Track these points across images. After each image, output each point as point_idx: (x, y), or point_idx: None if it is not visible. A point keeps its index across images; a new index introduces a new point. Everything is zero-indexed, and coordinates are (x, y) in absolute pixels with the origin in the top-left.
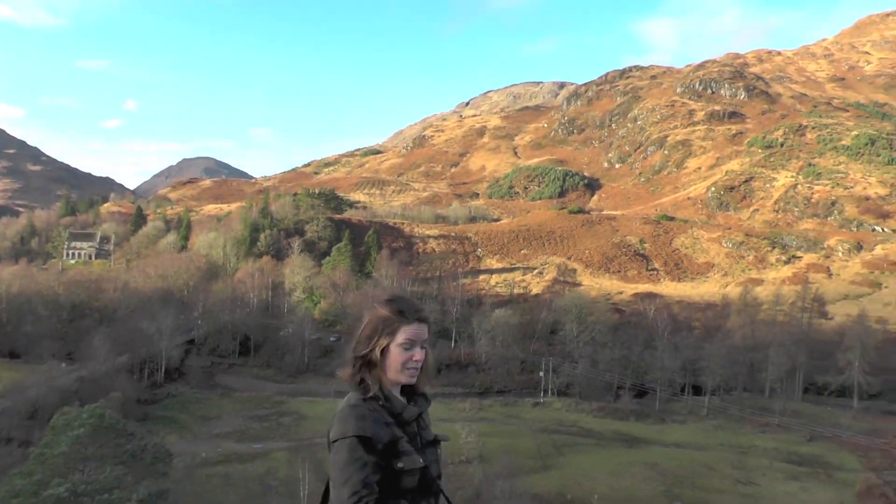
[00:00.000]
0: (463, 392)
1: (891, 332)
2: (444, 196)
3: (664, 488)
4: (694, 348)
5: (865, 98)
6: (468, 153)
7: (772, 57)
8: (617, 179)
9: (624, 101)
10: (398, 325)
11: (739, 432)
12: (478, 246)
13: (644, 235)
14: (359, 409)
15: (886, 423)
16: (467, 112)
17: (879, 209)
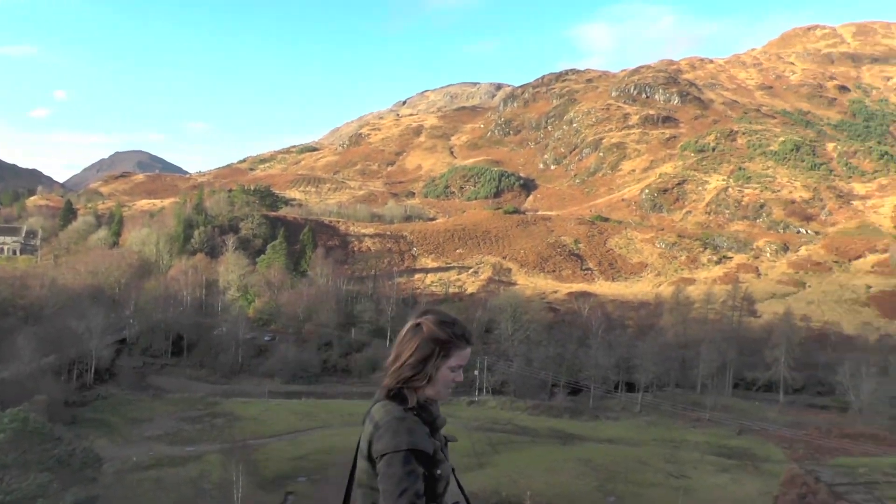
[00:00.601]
0: None
1: (814, 329)
2: (380, 195)
3: (598, 483)
4: (627, 346)
5: (791, 106)
6: (405, 152)
7: (704, 64)
8: (552, 180)
9: (560, 103)
10: (453, 348)
11: (672, 427)
12: (413, 245)
13: (579, 236)
14: (407, 421)
15: (809, 416)
16: (404, 111)
17: (804, 212)
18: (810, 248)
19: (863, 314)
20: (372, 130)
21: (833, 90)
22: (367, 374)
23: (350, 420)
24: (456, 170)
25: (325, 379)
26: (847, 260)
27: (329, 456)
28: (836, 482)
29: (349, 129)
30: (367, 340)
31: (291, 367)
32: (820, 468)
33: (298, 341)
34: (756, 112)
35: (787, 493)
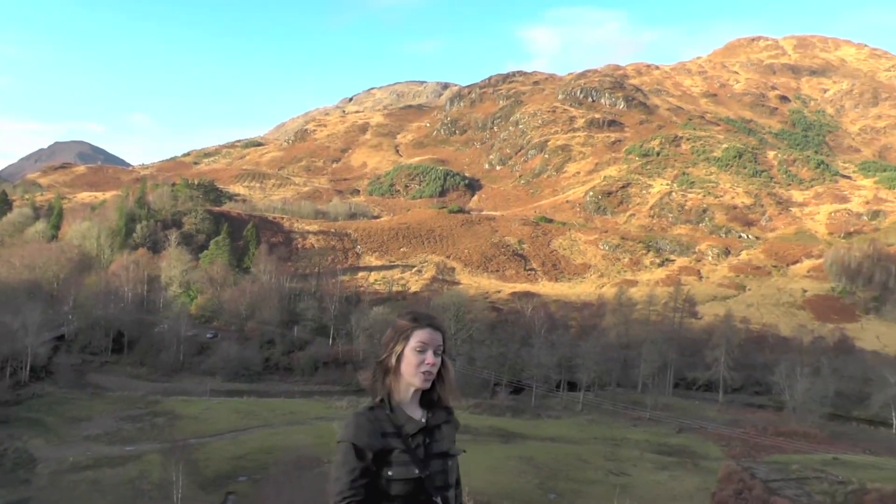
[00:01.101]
0: (340, 390)
1: (753, 331)
2: (325, 191)
3: (539, 481)
4: (570, 346)
5: (734, 114)
6: (350, 149)
7: (650, 70)
8: (497, 181)
9: (506, 104)
10: (412, 330)
11: (612, 426)
12: (357, 243)
13: (523, 236)
14: (361, 417)
15: (746, 415)
16: (350, 108)
17: (745, 217)
18: (751, 252)
19: (799, 317)
20: (318, 126)
21: (774, 100)
22: (310, 373)
23: (292, 419)
24: (401, 168)
25: (267, 377)
26: (785, 264)
27: (270, 455)
28: (770, 478)
29: (295, 125)
30: (309, 339)
31: (233, 365)
32: (755, 465)
33: (241, 339)
34: (700, 119)
35: (724, 489)
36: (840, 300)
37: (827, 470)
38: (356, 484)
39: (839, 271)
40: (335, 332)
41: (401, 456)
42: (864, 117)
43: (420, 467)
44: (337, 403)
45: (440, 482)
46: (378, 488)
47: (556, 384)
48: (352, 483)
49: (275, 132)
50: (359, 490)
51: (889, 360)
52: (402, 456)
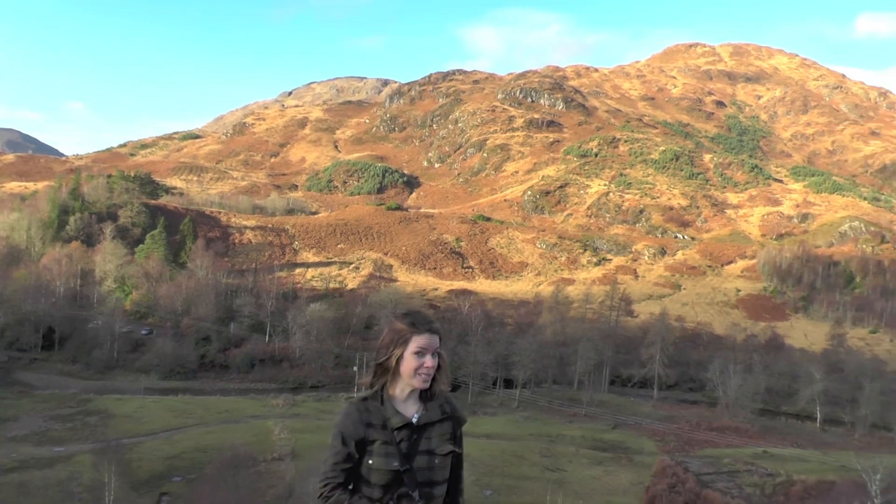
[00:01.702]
0: (276, 388)
1: (687, 329)
2: (263, 186)
3: (475, 478)
4: (506, 343)
5: (672, 117)
6: (289, 144)
7: (589, 73)
8: (436, 178)
9: (446, 102)
10: (411, 335)
11: (548, 422)
12: (295, 239)
13: (461, 234)
14: (351, 406)
15: (680, 411)
16: (290, 102)
17: (681, 218)
18: (686, 252)
19: (732, 315)
20: (257, 120)
21: (711, 105)
22: (246, 370)
23: (228, 417)
24: (340, 164)
25: (202, 375)
26: (719, 265)
27: (205, 454)
28: (702, 472)
29: (233, 118)
30: (246, 335)
31: (169, 363)
32: (689, 459)
33: (176, 335)
34: (638, 121)
35: (658, 483)
36: (771, 299)
37: (757, 463)
38: (338, 467)
39: (771, 272)
40: (272, 328)
41: (382, 447)
42: (795, 124)
43: (401, 461)
44: (273, 401)
45: (423, 478)
46: (361, 474)
47: (492, 381)
48: (334, 466)
49: (213, 125)
50: (340, 473)
51: (816, 357)
52: (384, 447)
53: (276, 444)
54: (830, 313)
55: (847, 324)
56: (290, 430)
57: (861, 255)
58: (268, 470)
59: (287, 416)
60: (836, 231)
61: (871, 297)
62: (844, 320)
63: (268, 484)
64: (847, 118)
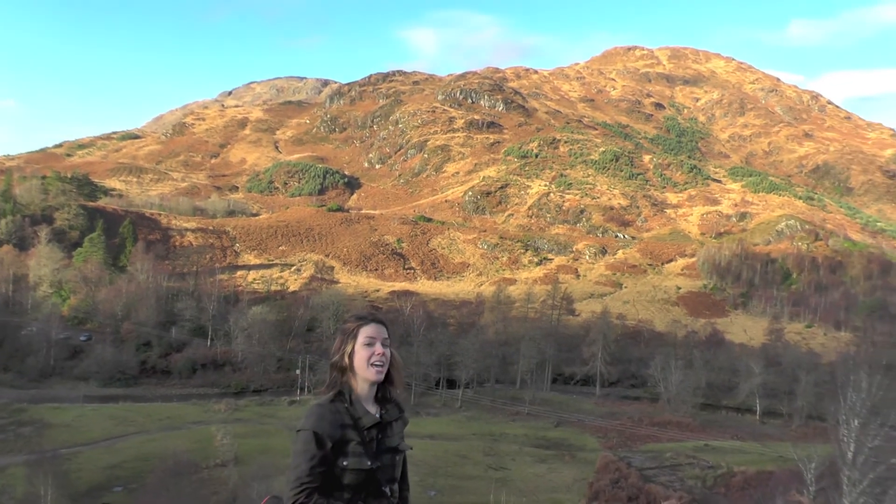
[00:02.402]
0: (219, 392)
1: (628, 326)
2: (204, 188)
3: (419, 479)
4: (448, 344)
5: (611, 119)
6: (229, 144)
7: (529, 74)
8: (376, 179)
9: (386, 103)
10: (358, 328)
11: (491, 422)
12: (236, 241)
13: (402, 235)
14: (322, 408)
15: (622, 407)
16: (230, 102)
17: (621, 218)
18: (627, 251)
19: (672, 312)
20: (196, 120)
21: (650, 107)
22: (188, 376)
23: (169, 424)
24: (280, 165)
25: (143, 381)
26: (660, 263)
27: (147, 463)
28: (645, 466)
29: (173, 118)
30: (187, 340)
31: (108, 369)
32: (631, 454)
33: (116, 341)
34: (578, 123)
35: (601, 479)
36: (711, 296)
37: (698, 456)
38: (315, 471)
39: (710, 269)
40: (214, 332)
41: (356, 447)
42: (733, 125)
43: (372, 459)
44: (215, 406)
45: (389, 475)
46: (332, 477)
47: (435, 382)
48: (311, 470)
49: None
50: (316, 477)
51: (754, 352)
52: (358, 447)
53: (219, 450)
54: (768, 309)
55: (784, 319)
56: (233, 435)
57: (797, 252)
58: (211, 476)
59: (230, 421)
60: (772, 229)
61: (806, 293)
62: (782, 315)
63: (211, 491)
64: (782, 120)
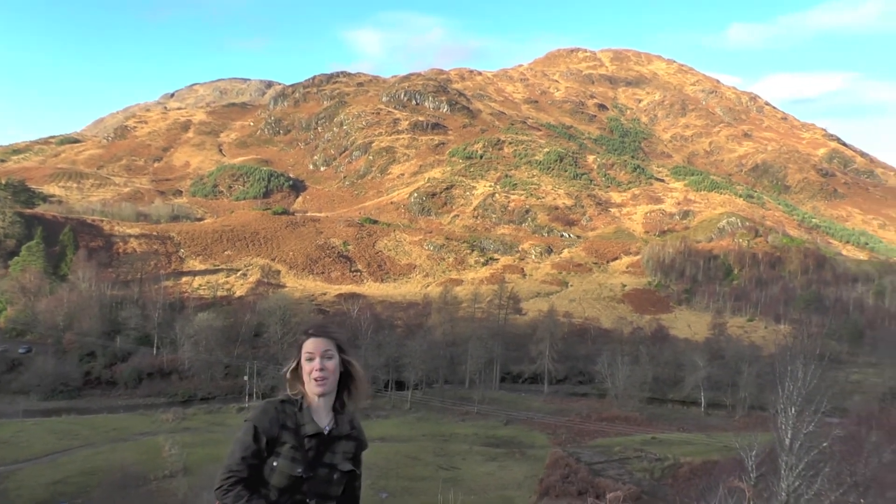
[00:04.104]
0: (166, 402)
1: (575, 324)
2: (147, 192)
3: (370, 481)
4: (396, 346)
5: (555, 120)
6: (172, 148)
7: (473, 76)
8: (322, 182)
9: (331, 105)
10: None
11: (441, 422)
12: (181, 246)
13: (348, 238)
14: (269, 405)
15: (571, 404)
16: (172, 104)
17: (566, 217)
18: (572, 250)
19: (618, 310)
20: (139, 123)
21: (593, 108)
22: (134, 386)
23: (115, 436)
24: (225, 168)
25: (87, 393)
26: (605, 261)
27: (92, 477)
28: (594, 461)
29: (114, 121)
30: (133, 349)
31: (50, 382)
32: (580, 450)
33: (58, 352)
34: (522, 124)
35: (551, 475)
36: (656, 293)
37: (646, 449)
38: (245, 462)
39: (654, 267)
40: (159, 340)
41: (290, 451)
42: (674, 126)
43: (304, 468)
44: (162, 416)
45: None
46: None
47: (384, 384)
48: (242, 460)
49: (93, 128)
50: (245, 468)
51: (699, 346)
52: (292, 452)
53: (167, 461)
54: (711, 304)
55: (727, 313)
56: (182, 445)
57: (738, 248)
58: (159, 488)
59: (178, 430)
60: (714, 227)
61: (747, 288)
62: (724, 310)
63: (160, 503)
64: (722, 121)
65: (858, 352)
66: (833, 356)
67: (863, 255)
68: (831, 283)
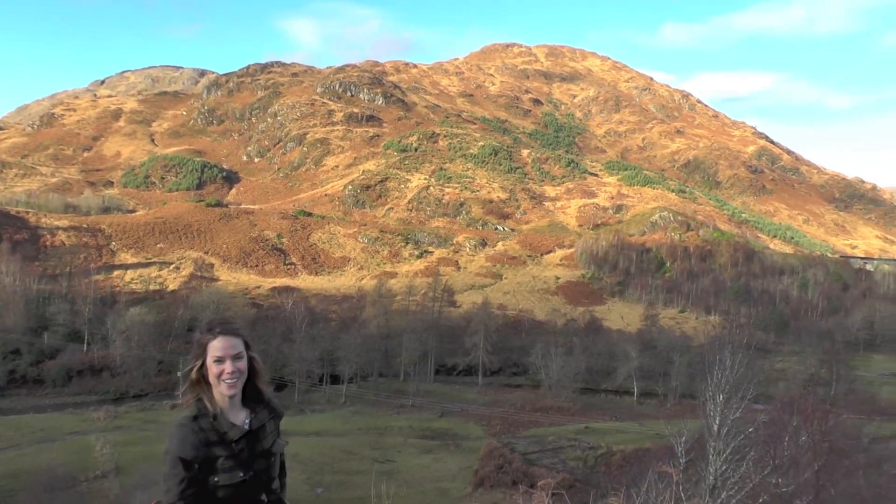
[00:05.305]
0: (97, 400)
1: (510, 316)
2: (76, 183)
3: (306, 477)
4: (331, 339)
5: (490, 114)
6: (102, 137)
7: (408, 68)
8: (256, 173)
9: (265, 95)
10: (207, 342)
11: (376, 416)
12: (112, 239)
13: (282, 230)
14: (184, 429)
15: (505, 395)
16: (102, 92)
17: (501, 211)
18: (506, 243)
19: (552, 302)
20: (66, 111)
21: (528, 102)
22: (63, 384)
23: (43, 436)
24: (157, 159)
25: (12, 392)
26: (539, 254)
27: (17, 480)
28: (528, 451)
29: (40, 108)
30: (61, 345)
31: None
32: (515, 440)
33: None
34: (457, 117)
35: (486, 466)
36: (589, 285)
37: (579, 438)
38: (185, 494)
39: (588, 259)
40: (90, 336)
41: (226, 462)
42: (609, 122)
43: (244, 470)
44: (93, 415)
45: (265, 478)
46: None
47: (318, 378)
48: (181, 494)
49: (16, 115)
50: (188, 499)
51: (631, 337)
52: (227, 462)
53: (99, 461)
54: (644, 296)
55: (659, 305)
56: (113, 444)
57: (670, 242)
58: (90, 489)
59: (109, 429)
60: (647, 221)
61: (679, 280)
62: (657, 302)
63: None
64: (655, 118)
65: (783, 341)
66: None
67: (788, 249)
68: (759, 276)
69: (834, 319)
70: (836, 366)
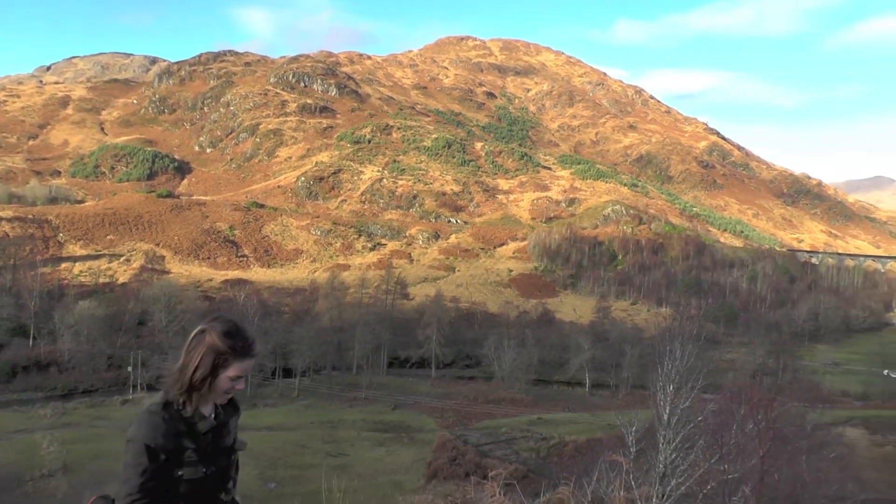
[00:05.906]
0: (44, 396)
1: (463, 309)
2: (21, 172)
3: (258, 471)
4: (284, 332)
5: (444, 106)
6: (49, 125)
7: (362, 60)
8: (208, 164)
9: (217, 84)
10: (232, 361)
11: (329, 409)
12: (59, 230)
13: (234, 222)
14: (155, 416)
15: (458, 387)
16: (49, 78)
17: (454, 203)
18: (459, 236)
19: (505, 294)
20: (10, 97)
21: (482, 96)
22: (7, 380)
23: None
24: (107, 148)
25: None
26: (492, 247)
27: None
28: (481, 442)
29: None
30: (6, 341)
31: None
32: (468, 432)
33: None
34: (411, 109)
35: (439, 458)
36: (542, 278)
37: (532, 429)
38: (146, 486)
39: (541, 252)
40: (36, 331)
41: (192, 455)
42: (562, 116)
43: (207, 465)
44: (40, 412)
45: (225, 476)
46: (166, 487)
47: (271, 372)
48: (142, 485)
49: None
50: (148, 492)
51: (584, 329)
52: (194, 455)
53: (46, 460)
54: (596, 288)
55: (611, 297)
56: (61, 441)
57: (622, 235)
58: (36, 489)
59: (57, 426)
60: (600, 214)
61: (631, 273)
62: (609, 294)
63: None
64: (608, 112)
65: (733, 332)
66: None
67: (738, 243)
68: (710, 269)
69: (781, 311)
70: (783, 356)
